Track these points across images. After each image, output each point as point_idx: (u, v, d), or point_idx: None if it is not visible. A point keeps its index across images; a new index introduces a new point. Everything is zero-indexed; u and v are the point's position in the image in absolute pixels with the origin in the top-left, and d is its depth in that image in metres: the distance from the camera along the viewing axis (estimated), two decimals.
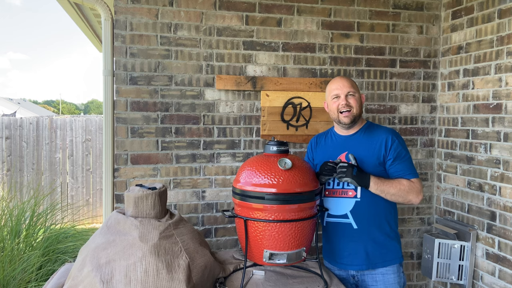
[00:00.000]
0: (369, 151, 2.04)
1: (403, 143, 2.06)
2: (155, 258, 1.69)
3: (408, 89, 2.97)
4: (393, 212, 2.09)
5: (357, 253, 2.03)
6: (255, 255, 1.87)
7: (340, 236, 2.07)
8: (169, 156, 2.65)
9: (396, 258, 2.06)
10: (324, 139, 2.23)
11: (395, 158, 2.01)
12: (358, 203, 2.01)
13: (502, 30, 2.49)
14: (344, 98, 2.03)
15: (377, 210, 2.02)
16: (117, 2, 2.53)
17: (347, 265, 2.07)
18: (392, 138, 2.03)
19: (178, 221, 1.91)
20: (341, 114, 2.04)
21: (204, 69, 2.66)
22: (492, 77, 2.56)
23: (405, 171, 2.01)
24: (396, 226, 2.12)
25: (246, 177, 1.84)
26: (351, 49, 2.85)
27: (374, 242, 2.03)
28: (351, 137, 2.11)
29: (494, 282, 2.53)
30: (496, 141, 2.52)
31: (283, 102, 2.74)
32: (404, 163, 2.02)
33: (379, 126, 2.15)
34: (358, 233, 2.02)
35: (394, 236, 2.08)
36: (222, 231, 2.74)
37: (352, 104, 2.03)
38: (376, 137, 2.05)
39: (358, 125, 2.11)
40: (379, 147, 2.03)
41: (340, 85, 2.05)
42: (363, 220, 2.02)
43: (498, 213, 2.50)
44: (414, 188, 1.98)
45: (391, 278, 2.04)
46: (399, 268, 2.08)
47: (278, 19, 2.73)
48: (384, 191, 1.96)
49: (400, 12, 2.92)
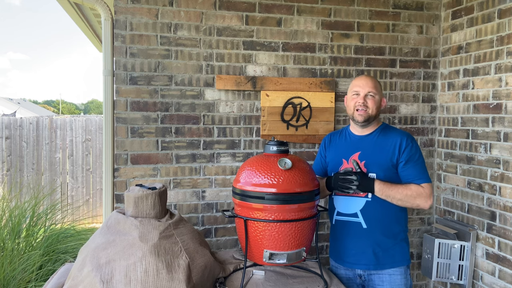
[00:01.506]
0: (382, 152, 2.03)
1: (417, 147, 2.04)
2: (155, 258, 1.69)
3: (408, 89, 2.97)
4: (403, 214, 2.09)
5: (365, 252, 2.03)
6: (255, 255, 1.87)
7: (349, 235, 2.06)
8: (169, 156, 2.65)
9: (404, 259, 2.06)
10: (338, 137, 2.22)
11: (407, 162, 2.00)
12: (368, 202, 2.01)
13: (502, 30, 2.49)
14: (363, 97, 2.02)
15: (388, 211, 2.01)
16: (117, 2, 2.53)
17: (354, 264, 2.07)
18: (407, 141, 2.02)
19: (178, 221, 1.91)
20: (356, 112, 2.04)
21: (204, 69, 2.66)
22: (492, 77, 2.56)
23: (416, 175, 1.99)
24: (406, 227, 2.11)
25: (246, 177, 1.84)
26: (351, 49, 2.85)
27: (383, 243, 2.02)
28: (365, 137, 2.10)
29: (494, 282, 2.53)
30: (496, 141, 2.52)
31: (283, 102, 2.74)
32: (415, 168, 2.00)
33: (395, 128, 2.14)
34: (367, 233, 2.02)
35: (403, 238, 2.08)
36: (222, 231, 2.75)
37: (369, 105, 2.02)
38: (391, 139, 2.04)
39: (374, 126, 2.10)
40: (392, 149, 2.02)
41: (363, 83, 2.04)
42: (372, 220, 2.01)
43: (498, 213, 2.50)
44: (422, 194, 1.95)
45: (398, 279, 2.03)
46: (407, 270, 2.07)
47: (278, 19, 2.73)
48: (390, 196, 1.95)
49: (400, 12, 2.92)
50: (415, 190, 1.96)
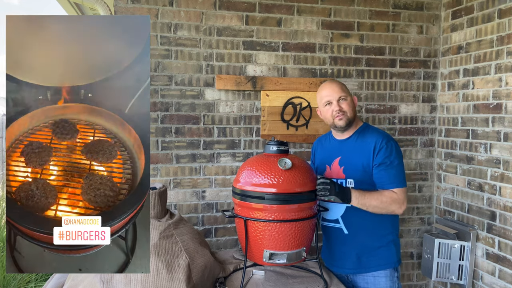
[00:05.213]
0: (360, 157, 1.98)
1: (392, 148, 1.94)
2: (155, 258, 1.68)
3: (408, 89, 2.97)
4: (390, 216, 2.02)
5: (349, 257, 2.02)
6: (255, 255, 1.87)
7: (333, 240, 2.07)
8: (169, 156, 2.64)
9: (390, 262, 2.02)
10: (324, 142, 2.21)
11: (380, 164, 1.92)
12: (348, 208, 1.97)
13: (502, 30, 2.49)
14: (337, 103, 1.98)
15: (369, 216, 1.95)
16: (117, 2, 2.53)
17: (340, 268, 2.08)
18: (381, 143, 1.94)
19: (178, 221, 1.91)
20: (336, 118, 1.99)
21: (204, 69, 2.66)
22: (492, 77, 2.56)
23: (387, 179, 1.92)
24: (394, 229, 2.06)
25: (246, 177, 1.84)
26: (351, 49, 2.85)
27: (365, 247, 2.00)
28: (345, 141, 2.07)
29: (494, 282, 2.53)
30: (496, 141, 2.52)
31: (283, 102, 2.74)
32: (388, 171, 1.92)
33: (374, 129, 2.07)
34: (349, 238, 2.01)
35: (391, 240, 2.03)
36: (222, 231, 2.74)
37: (345, 109, 1.98)
38: (367, 142, 1.98)
39: (352, 129, 2.05)
40: (368, 152, 1.96)
41: (330, 91, 2.00)
42: (353, 226, 1.99)
43: (498, 213, 2.50)
44: (396, 200, 1.90)
45: (382, 281, 2.00)
46: (393, 272, 2.02)
47: (278, 19, 2.73)
48: (366, 204, 1.89)
49: (400, 12, 2.92)
50: (389, 196, 1.90)
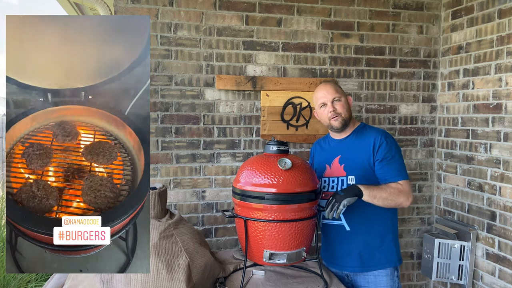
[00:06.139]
0: (360, 154, 2.01)
1: (392, 144, 2.00)
2: (155, 258, 1.69)
3: (408, 89, 2.97)
4: (389, 214, 2.05)
5: (350, 254, 2.03)
6: (255, 255, 1.87)
7: (334, 238, 2.07)
8: (169, 156, 2.65)
9: (390, 261, 2.03)
10: (322, 144, 2.23)
11: (382, 159, 1.96)
12: (351, 205, 1.99)
13: (502, 30, 2.49)
14: (331, 105, 2.02)
15: (370, 212, 1.97)
16: (117, 2, 2.53)
17: (341, 266, 2.08)
18: (381, 139, 1.98)
19: (178, 221, 1.91)
20: (332, 119, 2.04)
21: (204, 69, 2.66)
22: (492, 77, 2.56)
23: (392, 173, 1.95)
24: (394, 228, 2.08)
25: (246, 177, 1.84)
26: (351, 49, 2.85)
27: (367, 245, 2.01)
28: (343, 141, 2.10)
29: (494, 282, 2.53)
30: (496, 141, 2.52)
31: (283, 102, 2.74)
32: (391, 165, 1.96)
33: (371, 127, 2.12)
34: (351, 235, 2.02)
35: (391, 239, 2.05)
36: (222, 231, 2.75)
37: (339, 110, 2.02)
38: (366, 139, 2.02)
39: (350, 128, 2.09)
40: (368, 149, 2.00)
41: (324, 93, 2.05)
42: (356, 223, 2.01)
43: (498, 213, 2.50)
44: (402, 191, 1.92)
45: (383, 281, 2.01)
46: (393, 271, 2.04)
47: (278, 19, 2.73)
48: (376, 196, 1.89)
49: (400, 12, 2.92)
50: (396, 188, 1.92)
